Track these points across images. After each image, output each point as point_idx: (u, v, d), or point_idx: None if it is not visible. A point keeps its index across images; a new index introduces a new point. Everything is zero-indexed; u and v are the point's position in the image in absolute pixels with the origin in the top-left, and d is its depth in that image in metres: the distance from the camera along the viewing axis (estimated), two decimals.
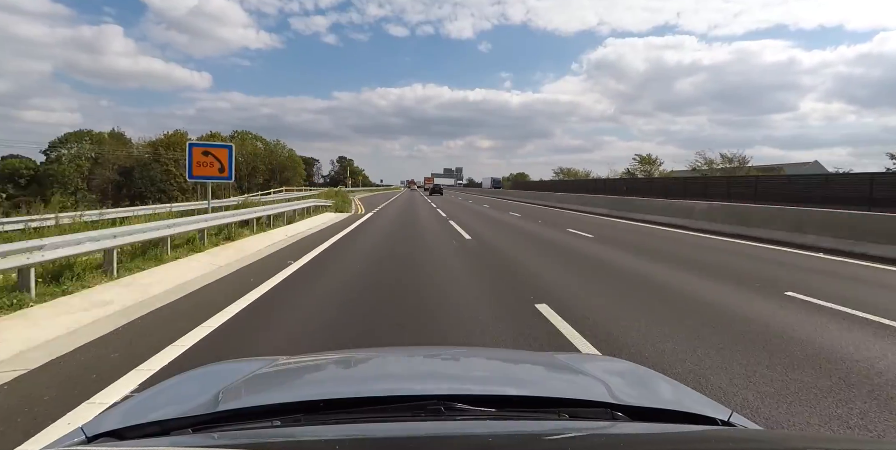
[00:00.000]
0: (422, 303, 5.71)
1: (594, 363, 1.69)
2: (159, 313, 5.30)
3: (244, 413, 1.05)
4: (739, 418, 1.16)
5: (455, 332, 4.60)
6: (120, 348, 4.15)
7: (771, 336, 4.52)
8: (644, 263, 8.77)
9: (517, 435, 0.96)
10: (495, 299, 5.92)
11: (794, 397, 3.22)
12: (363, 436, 0.96)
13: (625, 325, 4.86)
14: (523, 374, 1.59)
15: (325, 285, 6.71)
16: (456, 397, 1.08)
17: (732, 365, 3.77)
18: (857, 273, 8.07)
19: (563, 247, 11.17)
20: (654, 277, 7.48)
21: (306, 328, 4.73)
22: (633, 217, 20.07)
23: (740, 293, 6.39)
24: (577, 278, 7.37)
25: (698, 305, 5.71)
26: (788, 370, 3.69)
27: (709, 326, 4.84)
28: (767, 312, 5.41)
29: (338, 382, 1.44)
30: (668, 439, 0.98)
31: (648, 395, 1.33)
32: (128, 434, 1.01)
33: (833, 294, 6.27)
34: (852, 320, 5.11)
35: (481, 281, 7.13)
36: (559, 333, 4.57)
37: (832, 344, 4.32)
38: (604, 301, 5.88)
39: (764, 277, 7.51)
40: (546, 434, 0.96)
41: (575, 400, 1.14)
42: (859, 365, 3.81)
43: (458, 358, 1.81)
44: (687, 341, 4.35)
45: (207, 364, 1.60)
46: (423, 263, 8.77)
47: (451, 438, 0.93)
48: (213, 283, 6.95)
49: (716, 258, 9.48)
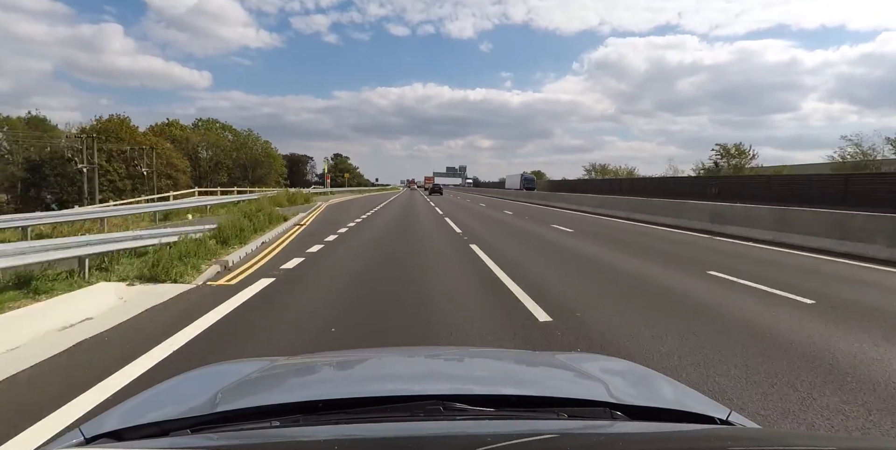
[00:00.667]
0: None
1: (593, 363, 1.69)
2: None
3: (243, 414, 1.05)
4: (738, 417, 1.16)
5: None
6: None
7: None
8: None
9: (516, 435, 0.96)
10: None
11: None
12: (362, 436, 0.96)
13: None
14: (522, 374, 1.59)
15: None
16: (455, 397, 1.08)
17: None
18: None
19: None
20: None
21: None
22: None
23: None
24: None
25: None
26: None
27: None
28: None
29: (336, 382, 1.44)
30: (667, 438, 0.98)
31: (647, 394, 1.33)
32: (126, 435, 1.01)
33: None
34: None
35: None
36: None
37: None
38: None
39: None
40: (545, 434, 0.96)
41: (574, 400, 1.14)
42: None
43: (457, 358, 1.81)
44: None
45: (206, 365, 1.60)
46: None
47: (449, 437, 0.93)
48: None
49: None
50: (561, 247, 11.22)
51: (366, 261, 8.95)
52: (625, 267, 8.50)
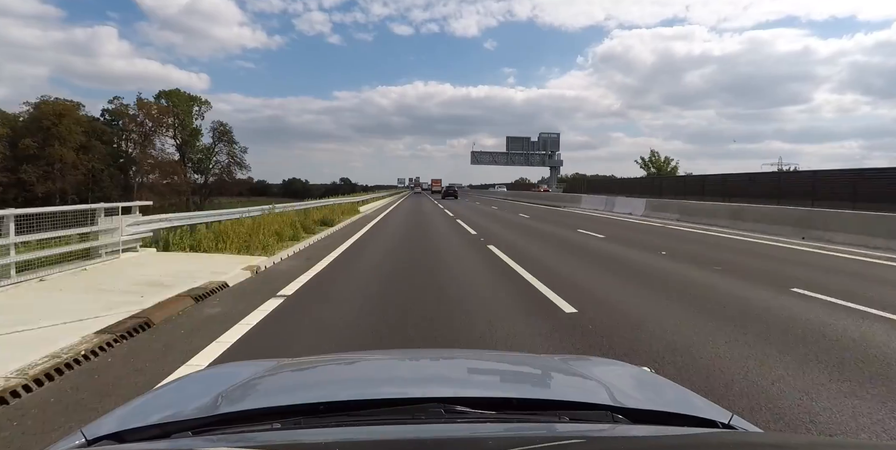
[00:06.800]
0: None
1: (595, 366, 1.68)
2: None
3: (244, 416, 1.05)
4: (740, 421, 1.16)
5: None
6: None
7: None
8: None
9: (517, 438, 0.96)
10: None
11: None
12: (363, 439, 0.96)
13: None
14: (524, 376, 1.59)
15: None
16: (456, 400, 1.08)
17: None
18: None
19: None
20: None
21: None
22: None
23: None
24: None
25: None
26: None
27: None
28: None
29: (338, 384, 1.44)
30: (669, 441, 0.98)
31: (649, 398, 1.33)
32: (128, 437, 1.01)
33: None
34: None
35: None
36: None
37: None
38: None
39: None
40: (546, 437, 0.96)
41: (575, 403, 1.14)
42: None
43: (459, 361, 1.81)
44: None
45: (208, 367, 1.60)
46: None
47: (451, 440, 0.92)
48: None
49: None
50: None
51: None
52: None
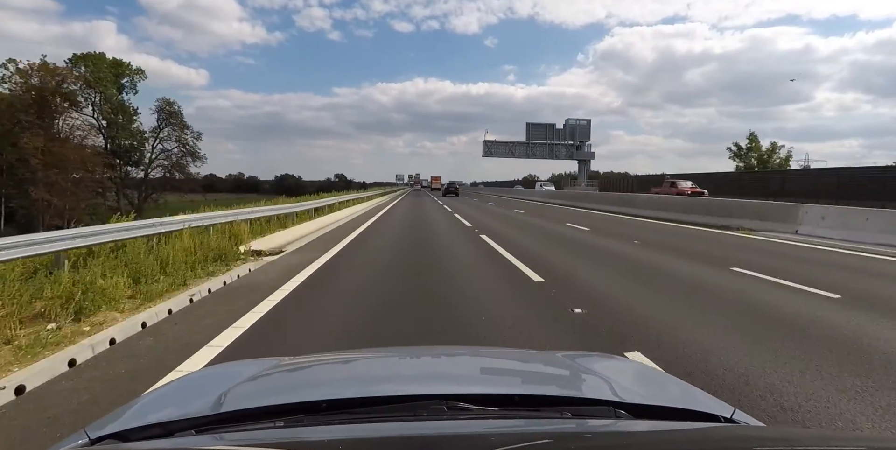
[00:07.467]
0: None
1: (597, 362, 1.68)
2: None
3: (247, 414, 1.05)
4: (742, 415, 1.16)
5: None
6: None
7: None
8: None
9: (520, 434, 0.96)
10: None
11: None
12: (366, 436, 0.96)
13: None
14: (526, 373, 1.59)
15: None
16: (458, 397, 1.08)
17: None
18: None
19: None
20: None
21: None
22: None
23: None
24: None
25: None
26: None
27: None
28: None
29: (340, 382, 1.44)
30: (671, 436, 0.98)
31: (651, 393, 1.33)
32: (131, 436, 1.01)
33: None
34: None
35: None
36: None
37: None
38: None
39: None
40: (549, 432, 0.96)
41: (578, 398, 1.14)
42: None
43: (460, 358, 1.81)
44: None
45: (211, 366, 1.60)
46: None
47: (453, 437, 0.93)
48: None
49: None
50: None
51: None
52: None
